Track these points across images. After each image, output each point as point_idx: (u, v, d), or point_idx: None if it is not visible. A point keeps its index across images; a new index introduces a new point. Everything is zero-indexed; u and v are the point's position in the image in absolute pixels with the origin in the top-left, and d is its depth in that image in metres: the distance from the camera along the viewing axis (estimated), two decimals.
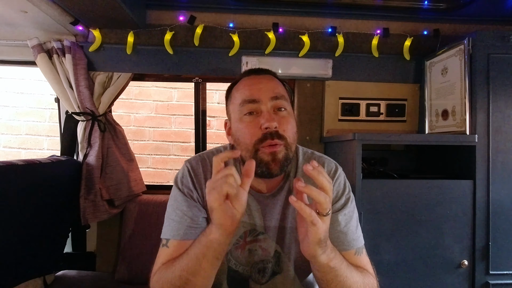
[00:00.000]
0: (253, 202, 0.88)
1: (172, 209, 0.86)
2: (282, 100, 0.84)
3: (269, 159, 0.79)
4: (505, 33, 1.31)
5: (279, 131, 0.80)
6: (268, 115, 0.80)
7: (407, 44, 1.65)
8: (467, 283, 1.30)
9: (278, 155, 0.79)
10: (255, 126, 0.80)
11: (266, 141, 0.79)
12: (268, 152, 0.79)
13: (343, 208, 0.87)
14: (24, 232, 1.27)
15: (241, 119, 0.83)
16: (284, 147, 0.80)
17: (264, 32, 1.61)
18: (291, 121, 0.83)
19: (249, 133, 0.81)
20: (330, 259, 0.71)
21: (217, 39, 1.62)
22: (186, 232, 0.81)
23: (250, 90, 0.84)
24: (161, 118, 2.69)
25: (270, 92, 0.83)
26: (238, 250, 0.87)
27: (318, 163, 0.89)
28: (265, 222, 0.87)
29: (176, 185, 0.89)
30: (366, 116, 1.69)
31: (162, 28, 1.58)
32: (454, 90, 1.42)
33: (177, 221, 0.84)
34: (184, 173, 0.89)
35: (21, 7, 1.24)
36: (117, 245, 1.68)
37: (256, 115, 0.82)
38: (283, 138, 0.80)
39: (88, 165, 1.56)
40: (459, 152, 1.39)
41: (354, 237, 0.86)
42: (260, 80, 0.86)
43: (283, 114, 0.83)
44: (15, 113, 2.66)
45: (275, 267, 0.88)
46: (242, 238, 0.87)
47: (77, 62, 1.52)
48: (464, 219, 1.30)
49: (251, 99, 0.82)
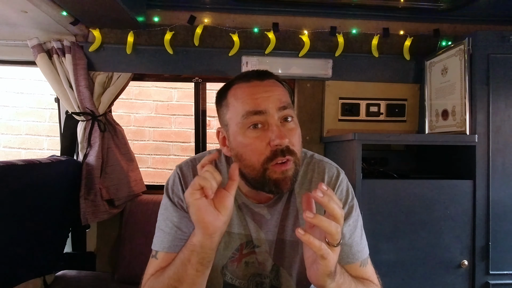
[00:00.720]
0: (248, 213, 0.82)
1: (162, 219, 0.82)
2: (290, 109, 0.76)
3: (280, 178, 0.72)
4: (505, 33, 1.31)
5: (289, 146, 0.72)
6: (278, 131, 0.71)
7: (407, 44, 1.65)
8: (467, 283, 1.30)
9: (288, 173, 0.72)
10: (262, 142, 0.72)
11: (276, 159, 0.71)
12: (279, 171, 0.72)
13: (347, 219, 0.81)
14: (24, 232, 1.27)
15: (245, 133, 0.74)
16: (293, 163, 0.73)
17: (264, 32, 1.61)
18: (298, 132, 0.77)
19: (257, 151, 0.72)
20: (339, 285, 0.66)
21: (217, 39, 1.62)
22: (175, 244, 0.78)
23: (254, 99, 0.74)
24: (161, 118, 2.69)
25: (277, 101, 0.74)
26: (234, 264, 0.83)
27: (318, 168, 0.86)
28: (260, 235, 0.82)
29: (166, 193, 0.84)
30: (366, 116, 1.69)
31: (162, 28, 1.58)
32: (454, 90, 1.42)
33: (167, 232, 0.80)
34: (175, 180, 0.84)
35: (21, 7, 1.24)
36: (117, 245, 1.68)
37: (262, 128, 0.73)
38: (293, 154, 0.73)
39: (88, 165, 1.56)
40: (459, 152, 1.39)
41: (359, 249, 0.81)
42: (264, 88, 0.76)
43: (291, 126, 0.76)
44: (15, 113, 2.66)
45: (273, 281, 0.83)
46: (238, 251, 0.83)
47: (77, 62, 1.52)
48: (464, 219, 1.30)
49: (257, 110, 0.73)
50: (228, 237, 0.83)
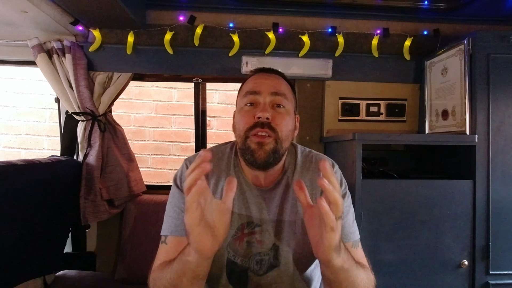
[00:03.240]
0: (251, 195, 0.90)
1: (170, 206, 0.89)
2: (282, 97, 0.87)
3: (255, 148, 0.82)
4: (505, 33, 1.31)
5: (271, 123, 0.83)
6: (263, 106, 0.84)
7: (407, 44, 1.65)
8: (467, 283, 1.30)
9: (265, 146, 0.82)
10: (251, 115, 0.85)
11: (255, 129, 0.82)
12: (255, 141, 0.82)
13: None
14: (24, 232, 1.27)
15: (242, 108, 0.88)
16: (273, 140, 0.83)
17: (264, 32, 1.61)
18: (286, 118, 0.87)
19: (244, 121, 0.85)
20: (344, 261, 0.70)
21: (217, 39, 1.62)
22: (183, 228, 0.79)
23: (254, 83, 0.89)
24: (161, 118, 2.69)
25: (271, 87, 0.87)
26: (236, 242, 0.88)
27: (315, 160, 0.94)
28: (262, 215, 0.89)
29: (174, 183, 0.91)
30: (366, 116, 1.69)
31: (162, 28, 1.58)
32: (454, 90, 1.42)
33: (174, 217, 0.86)
34: (183, 170, 0.92)
35: (21, 7, 1.24)
36: (117, 245, 1.69)
37: (255, 106, 0.86)
38: (274, 131, 0.83)
39: (88, 165, 1.56)
40: (459, 152, 1.39)
41: (351, 231, 0.90)
42: (266, 77, 0.91)
43: (280, 111, 0.87)
44: (15, 113, 2.66)
45: (272, 260, 0.88)
46: (239, 230, 0.88)
47: (77, 62, 1.52)
48: (464, 219, 1.30)
49: (253, 90, 0.87)
50: (232, 216, 0.84)
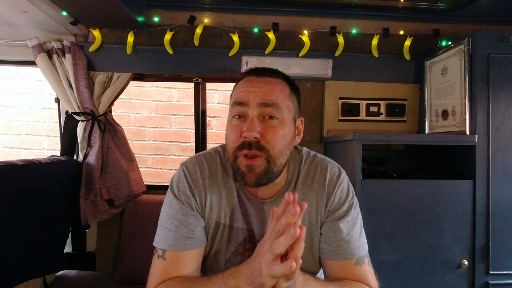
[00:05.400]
0: (251, 208, 0.84)
1: (167, 217, 0.81)
2: (273, 108, 0.77)
3: (245, 170, 0.76)
4: (505, 33, 1.31)
5: (260, 141, 0.75)
6: (249, 124, 0.75)
7: (407, 44, 1.65)
8: (467, 283, 1.30)
9: (256, 169, 0.75)
10: (238, 132, 0.77)
11: (242, 150, 0.76)
12: (244, 163, 0.76)
13: (345, 216, 0.83)
14: (24, 232, 1.27)
15: (230, 121, 0.81)
16: (265, 160, 0.75)
17: (264, 32, 1.61)
18: (279, 132, 0.77)
19: (232, 138, 0.78)
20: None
21: (217, 39, 1.62)
22: (183, 243, 0.78)
23: (241, 92, 0.80)
24: (161, 118, 2.69)
25: (259, 98, 0.77)
26: (237, 258, 0.84)
27: (320, 167, 0.88)
28: (264, 230, 0.81)
29: (171, 191, 0.84)
30: (366, 116, 1.69)
31: (162, 28, 1.58)
32: (454, 90, 1.42)
33: (173, 230, 0.79)
34: (180, 177, 0.84)
35: (21, 7, 1.24)
36: (117, 245, 1.68)
37: (243, 119, 0.78)
38: (264, 150, 0.75)
39: (88, 165, 1.56)
40: (459, 152, 1.39)
41: (357, 245, 0.82)
42: (254, 84, 0.80)
43: (272, 124, 0.77)
44: (15, 113, 2.66)
45: None
46: (241, 245, 0.84)
47: (77, 62, 1.52)
48: (464, 219, 1.30)
49: (240, 101, 0.78)
50: (232, 231, 0.84)
